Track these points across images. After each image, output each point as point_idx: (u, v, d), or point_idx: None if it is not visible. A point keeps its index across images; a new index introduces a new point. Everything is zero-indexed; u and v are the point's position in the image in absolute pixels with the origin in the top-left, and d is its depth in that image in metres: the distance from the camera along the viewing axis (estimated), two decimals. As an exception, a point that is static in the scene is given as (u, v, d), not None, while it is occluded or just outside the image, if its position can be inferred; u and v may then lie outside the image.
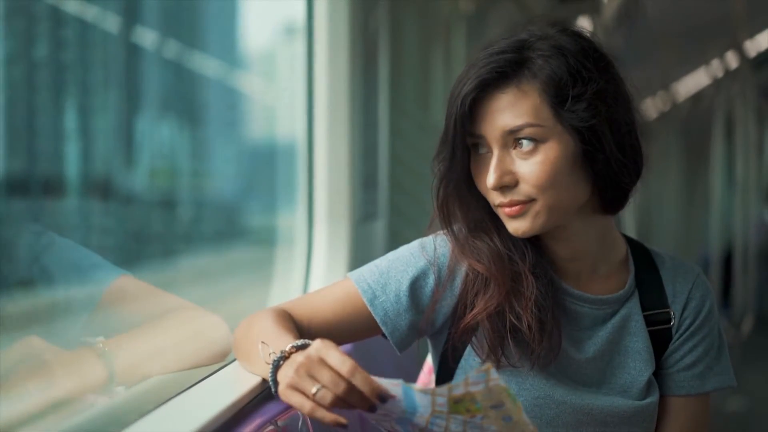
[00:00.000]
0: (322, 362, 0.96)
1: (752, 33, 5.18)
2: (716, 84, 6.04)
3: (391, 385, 0.96)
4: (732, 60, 5.24)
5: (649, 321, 1.27)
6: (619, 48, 4.45)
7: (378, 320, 1.24)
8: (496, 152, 1.16)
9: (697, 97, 7.18)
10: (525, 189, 1.15)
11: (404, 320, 1.24)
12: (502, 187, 1.16)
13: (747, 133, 5.21)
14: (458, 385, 0.92)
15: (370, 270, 1.26)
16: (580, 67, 1.14)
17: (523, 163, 1.15)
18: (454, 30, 3.55)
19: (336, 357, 0.96)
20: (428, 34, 3.25)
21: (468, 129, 1.17)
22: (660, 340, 1.28)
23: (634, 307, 1.28)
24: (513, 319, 1.19)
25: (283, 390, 0.99)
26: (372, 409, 0.96)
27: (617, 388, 1.26)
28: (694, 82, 7.03)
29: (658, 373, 1.29)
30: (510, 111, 1.14)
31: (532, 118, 1.14)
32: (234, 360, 1.28)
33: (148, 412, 1.07)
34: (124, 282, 1.29)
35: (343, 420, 0.96)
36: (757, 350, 4.96)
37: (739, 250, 5.12)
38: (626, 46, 4.62)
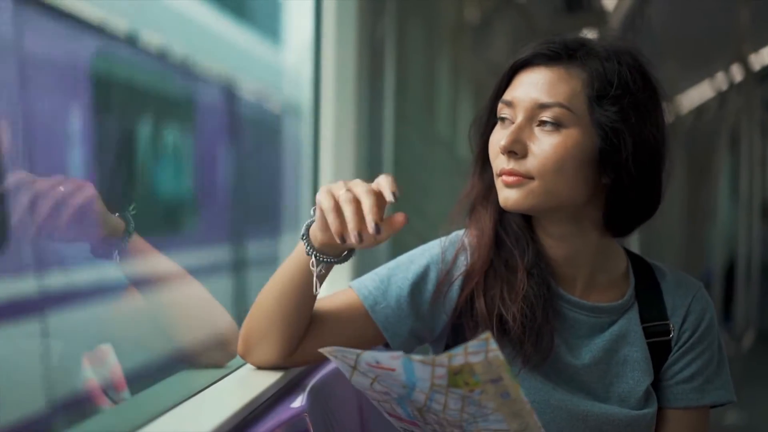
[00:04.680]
0: (362, 182, 1.09)
1: (757, 46, 5.18)
2: (720, 97, 6.04)
3: (392, 358, 0.97)
4: (736, 73, 5.24)
5: (648, 333, 1.29)
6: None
7: (379, 326, 1.25)
8: (519, 120, 1.19)
9: (701, 110, 7.18)
10: (530, 163, 1.18)
11: (405, 326, 1.26)
12: (510, 153, 1.19)
13: (751, 146, 5.20)
14: (458, 354, 0.93)
15: (371, 278, 1.28)
16: (629, 77, 1.19)
17: (539, 139, 1.18)
18: (460, 40, 3.56)
19: (368, 185, 1.09)
20: (434, 44, 3.26)
21: (504, 94, 1.22)
22: (659, 351, 1.29)
23: (633, 318, 1.29)
24: (501, 309, 1.21)
25: (321, 190, 1.11)
26: (359, 238, 1.07)
27: (615, 397, 1.26)
28: (698, 94, 7.03)
29: (658, 385, 1.30)
30: (548, 87, 1.18)
31: (565, 100, 1.17)
32: (243, 365, 1.29)
33: (160, 415, 1.08)
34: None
35: (347, 230, 1.08)
36: (758, 364, 4.94)
37: (742, 264, 5.10)
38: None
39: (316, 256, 1.16)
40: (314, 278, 1.17)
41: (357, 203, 1.07)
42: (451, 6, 3.50)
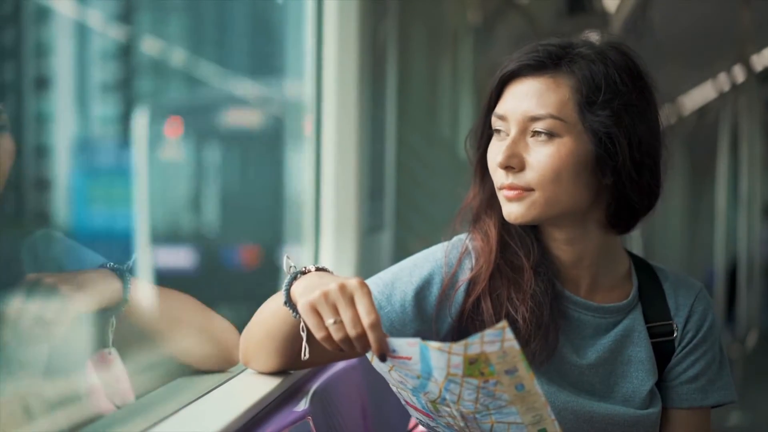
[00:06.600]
0: (351, 301, 1.01)
1: (759, 47, 5.17)
2: (722, 98, 6.04)
3: (408, 345, 0.97)
4: (739, 74, 5.23)
5: (652, 333, 1.29)
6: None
7: (384, 331, 1.25)
8: (512, 134, 1.19)
9: (703, 111, 7.18)
10: (528, 176, 1.18)
11: (410, 330, 1.25)
12: (508, 168, 1.19)
13: (753, 147, 5.20)
14: (474, 343, 0.93)
15: (374, 282, 1.27)
16: (617, 78, 1.18)
17: (534, 151, 1.18)
18: (462, 42, 3.56)
19: (365, 304, 1.01)
20: (436, 46, 3.26)
21: (496, 107, 1.22)
22: (663, 352, 1.30)
23: (637, 318, 1.30)
24: (510, 309, 1.22)
25: (303, 305, 1.03)
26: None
27: (619, 397, 1.27)
28: (700, 95, 7.03)
29: (661, 386, 1.30)
30: (538, 98, 1.18)
31: (556, 110, 1.17)
32: (243, 370, 1.29)
33: (158, 422, 1.07)
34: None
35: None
36: (761, 365, 4.95)
37: (744, 264, 5.10)
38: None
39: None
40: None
41: (351, 342, 1.02)
42: (453, 8, 3.50)
